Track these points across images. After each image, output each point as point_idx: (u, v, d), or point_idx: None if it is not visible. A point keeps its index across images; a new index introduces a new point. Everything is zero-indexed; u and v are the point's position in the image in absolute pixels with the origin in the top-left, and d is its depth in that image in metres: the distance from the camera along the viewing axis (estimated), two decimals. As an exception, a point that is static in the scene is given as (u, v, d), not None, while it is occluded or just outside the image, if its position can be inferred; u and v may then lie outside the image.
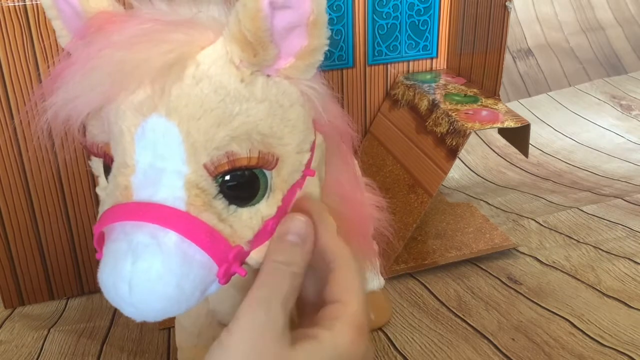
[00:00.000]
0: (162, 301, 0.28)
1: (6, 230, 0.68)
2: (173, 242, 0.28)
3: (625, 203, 0.90)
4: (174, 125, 0.29)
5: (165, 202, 0.29)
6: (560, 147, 1.15)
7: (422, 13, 0.87)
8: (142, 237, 0.28)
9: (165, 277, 0.28)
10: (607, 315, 0.64)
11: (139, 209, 0.29)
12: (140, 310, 0.28)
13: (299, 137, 0.32)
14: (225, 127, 0.29)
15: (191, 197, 0.29)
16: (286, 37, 0.30)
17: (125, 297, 0.28)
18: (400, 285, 0.72)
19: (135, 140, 0.29)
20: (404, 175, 0.78)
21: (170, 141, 0.29)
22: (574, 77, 1.40)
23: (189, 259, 0.28)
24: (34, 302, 0.72)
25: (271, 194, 0.32)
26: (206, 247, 0.29)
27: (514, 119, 0.71)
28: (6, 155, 0.65)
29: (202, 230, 0.29)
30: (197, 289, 0.29)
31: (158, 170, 0.29)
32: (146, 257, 0.27)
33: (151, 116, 0.29)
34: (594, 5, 1.52)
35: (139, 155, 0.29)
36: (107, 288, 0.28)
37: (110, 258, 0.28)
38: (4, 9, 0.61)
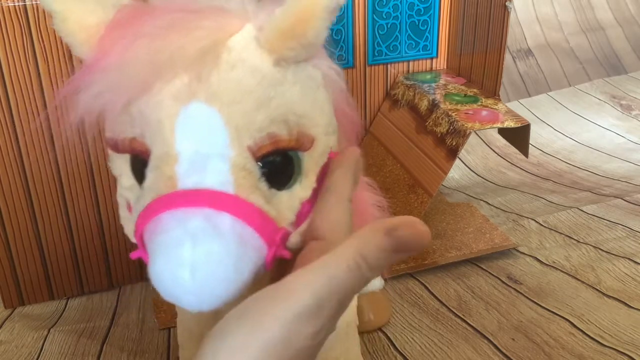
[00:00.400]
0: (223, 285, 0.27)
1: (6, 230, 0.68)
2: (228, 224, 0.28)
3: (625, 203, 0.90)
4: (215, 111, 0.29)
5: (213, 187, 0.28)
6: (560, 147, 1.15)
7: (422, 13, 0.87)
8: (198, 221, 0.27)
9: (225, 260, 0.27)
10: (607, 315, 0.64)
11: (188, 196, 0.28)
12: (201, 297, 0.27)
13: (327, 119, 0.33)
14: (265, 110, 0.29)
15: (239, 179, 0.29)
16: None
17: (186, 285, 0.27)
18: (400, 285, 0.72)
19: (176, 128, 0.29)
20: (404, 175, 0.78)
21: (213, 126, 0.29)
22: (574, 77, 1.40)
23: (244, 240, 0.28)
24: (34, 302, 0.72)
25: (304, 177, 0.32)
26: (258, 228, 0.29)
27: (514, 119, 0.71)
28: (6, 155, 0.65)
29: (254, 211, 0.29)
30: (251, 271, 0.28)
31: (203, 157, 0.29)
32: (205, 241, 0.27)
33: (191, 103, 0.29)
34: (594, 5, 1.52)
35: (181, 143, 0.29)
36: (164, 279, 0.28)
37: (164, 247, 0.28)
38: (4, 9, 0.61)
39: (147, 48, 0.28)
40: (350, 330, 0.45)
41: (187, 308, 0.28)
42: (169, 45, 0.28)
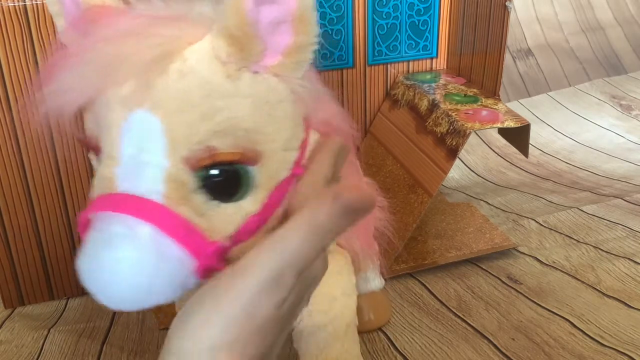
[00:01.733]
0: (134, 291, 0.29)
1: (6, 230, 0.68)
2: (148, 234, 0.29)
3: (625, 203, 0.90)
4: (157, 119, 0.29)
5: (144, 195, 0.29)
6: (560, 147, 1.15)
7: (422, 13, 0.87)
8: (119, 227, 0.29)
9: (137, 268, 0.28)
10: (607, 315, 0.64)
11: (118, 200, 0.29)
12: (113, 299, 0.29)
13: (286, 134, 0.32)
14: (209, 122, 0.29)
15: (169, 190, 0.29)
16: (273, 33, 0.30)
17: (100, 286, 0.29)
18: (400, 285, 0.72)
19: (121, 133, 0.30)
20: (404, 175, 0.78)
21: (153, 134, 0.29)
22: (574, 77, 1.40)
23: (163, 251, 0.29)
24: (34, 302, 0.72)
25: (255, 190, 0.32)
26: (181, 240, 0.29)
27: (514, 119, 0.71)
28: (6, 155, 0.65)
29: (177, 223, 0.29)
30: (172, 282, 0.29)
31: (140, 163, 0.30)
32: (120, 247, 0.28)
33: (136, 110, 0.29)
34: (594, 5, 1.52)
35: (124, 147, 0.30)
36: (84, 275, 0.29)
37: (89, 246, 0.29)
38: (4, 9, 0.61)
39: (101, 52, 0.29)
40: (350, 331, 0.45)
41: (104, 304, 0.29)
42: (122, 51, 0.29)
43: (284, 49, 0.30)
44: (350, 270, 0.46)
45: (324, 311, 0.43)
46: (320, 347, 0.44)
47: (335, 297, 0.44)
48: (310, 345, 0.44)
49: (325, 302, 0.43)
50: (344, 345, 0.45)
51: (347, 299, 0.45)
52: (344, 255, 0.46)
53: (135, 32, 0.29)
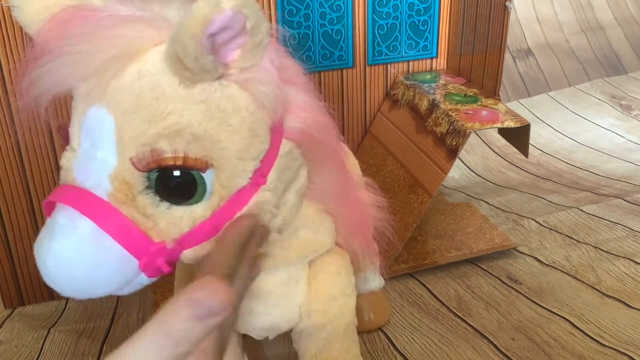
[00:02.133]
0: (72, 282, 0.30)
1: (6, 230, 0.68)
2: (89, 228, 0.29)
3: (625, 203, 0.90)
4: (111, 117, 0.30)
5: (91, 189, 0.30)
6: (560, 147, 1.15)
7: (422, 13, 0.87)
8: (62, 219, 0.30)
9: (74, 261, 0.29)
10: (607, 315, 0.64)
11: (67, 192, 0.30)
12: (57, 286, 0.30)
13: (241, 144, 0.32)
14: (156, 125, 0.30)
15: (114, 188, 0.30)
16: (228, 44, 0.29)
17: (44, 272, 0.30)
18: (400, 285, 0.72)
19: (81, 127, 0.31)
20: (404, 175, 0.78)
21: (105, 132, 0.30)
22: (574, 77, 1.40)
23: (103, 247, 0.29)
24: (34, 302, 0.72)
25: (209, 197, 0.32)
26: (119, 238, 0.30)
27: (514, 119, 0.71)
28: (6, 155, 0.65)
29: (117, 222, 0.30)
30: (113, 277, 0.30)
31: (91, 158, 0.31)
32: (59, 239, 0.29)
33: (93, 106, 0.30)
34: (594, 5, 1.52)
35: (82, 141, 0.31)
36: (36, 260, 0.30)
37: (41, 232, 0.30)
38: (4, 9, 0.61)
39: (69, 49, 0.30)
40: (349, 331, 0.45)
41: None
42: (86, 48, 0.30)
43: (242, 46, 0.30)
44: (350, 270, 0.46)
45: (322, 311, 0.43)
46: (319, 347, 0.44)
47: (335, 297, 0.44)
48: (310, 345, 0.44)
49: (324, 302, 0.43)
50: (344, 345, 0.45)
51: (346, 299, 0.45)
52: (343, 255, 0.46)
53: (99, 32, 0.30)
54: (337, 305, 0.44)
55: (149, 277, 0.31)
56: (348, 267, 0.46)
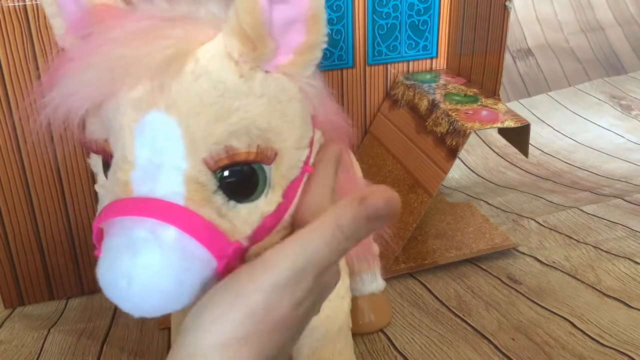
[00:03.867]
0: (160, 296, 0.28)
1: (6, 230, 0.68)
2: (172, 236, 0.28)
3: (625, 203, 0.90)
4: (173, 121, 0.29)
5: (164, 198, 0.29)
6: (560, 147, 1.15)
7: (422, 13, 0.87)
8: (141, 231, 0.28)
9: (164, 272, 0.28)
10: (607, 315, 0.64)
11: (138, 204, 0.29)
12: (138, 306, 0.28)
13: (298, 133, 0.32)
14: (224, 122, 0.29)
15: (190, 192, 0.29)
16: (285, 32, 0.30)
17: (123, 293, 0.28)
18: (400, 285, 0.72)
19: (135, 135, 0.29)
20: (404, 175, 0.78)
21: (170, 136, 0.29)
22: (574, 77, 1.40)
23: (188, 253, 0.28)
24: (34, 302, 0.72)
25: (270, 190, 0.32)
26: (205, 242, 0.29)
27: (514, 118, 0.71)
28: (6, 155, 0.65)
29: (201, 225, 0.29)
30: (196, 284, 0.29)
31: (157, 166, 0.29)
32: (145, 252, 0.28)
33: (150, 112, 0.29)
34: (594, 5, 1.52)
35: (139, 150, 0.29)
36: (106, 283, 0.28)
37: (110, 253, 0.28)
38: (4, 9, 0.61)
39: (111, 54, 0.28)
40: (343, 333, 0.45)
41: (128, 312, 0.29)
42: (132, 52, 0.28)
43: (296, 47, 0.30)
44: (344, 271, 0.45)
45: None
46: (312, 349, 0.44)
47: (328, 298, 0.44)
48: (303, 346, 0.44)
49: None
50: (337, 347, 0.44)
51: (340, 301, 0.44)
52: None
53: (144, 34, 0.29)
54: (330, 307, 0.43)
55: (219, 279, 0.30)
56: (342, 269, 0.45)
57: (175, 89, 0.29)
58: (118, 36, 0.29)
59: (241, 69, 0.30)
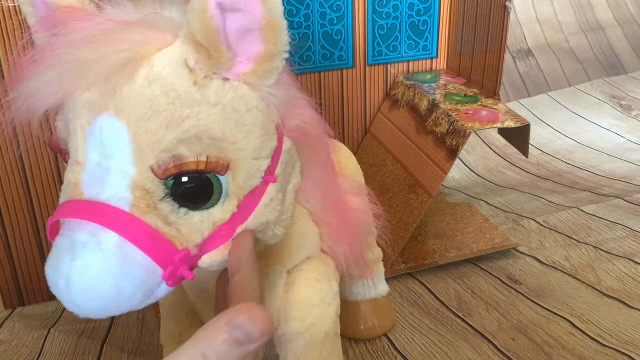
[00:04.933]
0: (98, 299, 0.28)
1: (6, 230, 0.68)
2: (113, 242, 0.28)
3: (625, 203, 0.90)
4: (123, 125, 0.29)
5: (109, 202, 0.29)
6: (560, 147, 1.15)
7: (422, 13, 0.87)
8: (83, 235, 0.28)
9: (101, 276, 0.28)
10: (607, 315, 0.64)
11: (83, 207, 0.29)
12: (78, 307, 0.29)
13: (256, 143, 0.32)
14: (174, 130, 0.29)
15: (136, 198, 0.29)
16: (241, 41, 0.29)
17: (63, 294, 0.29)
18: (400, 285, 0.72)
19: (87, 137, 0.30)
20: (404, 175, 0.78)
21: (118, 141, 0.29)
22: (574, 77, 1.40)
23: (128, 260, 0.28)
24: (34, 302, 0.72)
25: (226, 199, 0.31)
26: (147, 249, 0.29)
27: (514, 118, 0.71)
28: (6, 155, 0.65)
29: (143, 232, 0.29)
30: (138, 289, 0.29)
31: (105, 169, 0.29)
32: (83, 256, 0.28)
33: (102, 115, 0.29)
34: (593, 5, 1.52)
35: (89, 152, 0.30)
36: (50, 282, 0.29)
37: (54, 253, 0.29)
38: (4, 9, 0.61)
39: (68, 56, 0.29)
40: (328, 339, 0.44)
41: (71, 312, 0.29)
42: (88, 55, 0.28)
43: (254, 57, 0.30)
44: (331, 277, 0.44)
45: (299, 318, 0.42)
46: (296, 355, 0.43)
47: (313, 304, 0.42)
48: (288, 351, 0.43)
49: (302, 309, 0.42)
50: (322, 353, 0.44)
51: (326, 307, 0.43)
52: (325, 262, 0.44)
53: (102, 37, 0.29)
54: (315, 313, 0.42)
55: (170, 287, 0.30)
56: (329, 275, 0.44)
57: (127, 93, 0.29)
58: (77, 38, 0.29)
59: (196, 77, 0.29)
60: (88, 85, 0.29)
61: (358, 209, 0.47)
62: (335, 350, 0.45)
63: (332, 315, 0.44)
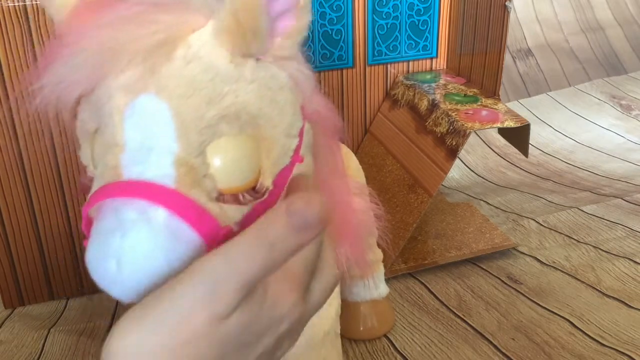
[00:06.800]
0: (150, 278, 0.28)
1: (6, 230, 0.68)
2: (162, 218, 0.28)
3: (625, 203, 0.90)
4: (164, 104, 0.29)
5: (154, 180, 0.29)
6: (560, 147, 1.15)
7: (422, 13, 0.87)
8: (131, 213, 0.28)
9: (153, 253, 0.27)
10: (607, 315, 0.64)
11: (128, 186, 0.28)
12: (127, 289, 0.28)
13: (288, 121, 0.32)
14: (215, 106, 0.29)
15: (180, 174, 0.29)
16: (277, 21, 0.30)
17: (113, 275, 0.27)
18: (400, 285, 0.72)
19: (125, 119, 0.29)
20: (404, 175, 0.78)
21: (160, 119, 0.29)
22: (574, 77, 1.40)
23: (178, 235, 0.28)
24: (34, 302, 0.72)
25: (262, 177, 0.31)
26: (195, 224, 0.28)
27: (514, 118, 0.71)
28: (6, 155, 0.65)
29: (191, 207, 0.28)
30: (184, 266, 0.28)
31: (147, 149, 0.29)
32: (134, 233, 0.27)
33: (141, 95, 0.29)
34: (593, 5, 1.52)
35: (128, 133, 0.29)
36: (95, 266, 0.28)
37: (99, 235, 0.28)
38: (4, 9, 0.61)
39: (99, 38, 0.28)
40: (328, 340, 0.44)
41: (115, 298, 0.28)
42: (123, 37, 0.28)
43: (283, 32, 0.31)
44: None
45: None
46: (296, 355, 0.43)
47: None
48: None
49: None
50: (321, 354, 0.43)
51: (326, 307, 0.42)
52: None
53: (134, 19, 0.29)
54: None
55: None
56: None
57: (166, 73, 0.29)
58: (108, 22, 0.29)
59: (232, 55, 0.30)
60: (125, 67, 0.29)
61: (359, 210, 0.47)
62: (334, 349, 0.45)
63: (332, 315, 0.44)
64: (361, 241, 0.47)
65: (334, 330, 0.44)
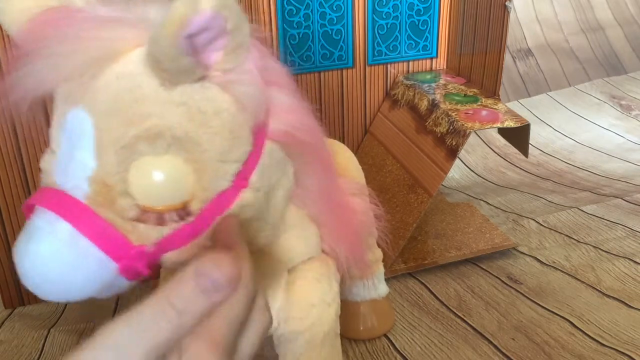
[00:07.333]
0: (48, 284, 0.30)
1: (6, 230, 0.68)
2: (67, 231, 0.29)
3: (625, 203, 0.90)
4: (90, 119, 0.30)
5: (71, 191, 0.30)
6: (560, 147, 1.15)
7: (422, 13, 0.87)
8: (40, 221, 0.30)
9: (50, 263, 0.29)
10: (607, 315, 0.64)
11: (45, 195, 0.30)
12: (35, 289, 0.30)
13: (222, 146, 0.31)
14: (135, 127, 0.29)
15: (93, 191, 0.30)
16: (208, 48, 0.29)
17: (22, 274, 0.30)
18: (400, 285, 0.72)
19: (60, 128, 0.31)
20: (404, 175, 0.78)
21: (84, 133, 0.30)
22: (574, 77, 1.40)
23: (81, 250, 0.29)
24: (34, 302, 0.72)
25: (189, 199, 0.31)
26: (97, 241, 0.30)
27: (514, 118, 0.71)
28: (6, 155, 0.65)
29: (96, 225, 0.30)
30: (91, 280, 0.30)
31: (71, 160, 0.30)
32: (35, 241, 0.29)
33: (73, 107, 0.30)
34: (593, 5, 1.52)
35: (61, 142, 0.31)
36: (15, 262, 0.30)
37: (19, 235, 0.30)
38: (4, 9, 0.61)
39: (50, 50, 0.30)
40: (328, 340, 0.44)
41: None
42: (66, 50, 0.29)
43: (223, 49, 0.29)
44: (332, 277, 0.44)
45: (299, 318, 0.42)
46: (296, 355, 0.43)
47: (313, 304, 0.42)
48: (287, 352, 0.43)
49: (302, 309, 0.42)
50: (321, 354, 0.44)
51: (326, 307, 0.43)
52: (325, 262, 0.44)
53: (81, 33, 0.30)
54: (315, 313, 0.42)
55: (129, 280, 0.31)
56: (330, 275, 0.44)
57: (96, 89, 0.30)
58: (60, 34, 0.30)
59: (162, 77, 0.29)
60: (65, 79, 0.30)
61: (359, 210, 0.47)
62: (334, 350, 0.45)
63: (332, 316, 0.44)
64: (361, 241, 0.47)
65: (333, 330, 0.44)
